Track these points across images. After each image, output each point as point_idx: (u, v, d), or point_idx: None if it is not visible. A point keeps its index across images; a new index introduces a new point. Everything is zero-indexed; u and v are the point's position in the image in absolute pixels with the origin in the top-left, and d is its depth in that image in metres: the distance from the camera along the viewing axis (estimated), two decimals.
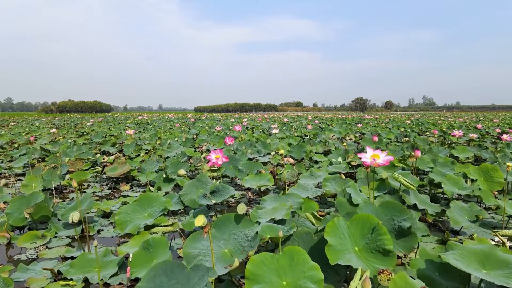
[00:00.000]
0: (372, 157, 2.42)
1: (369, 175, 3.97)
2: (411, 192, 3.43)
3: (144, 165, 5.80)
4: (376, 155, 2.42)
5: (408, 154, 6.33)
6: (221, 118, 28.46)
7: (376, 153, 2.43)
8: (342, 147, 7.48)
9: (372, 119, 24.96)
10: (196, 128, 15.04)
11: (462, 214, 3.16)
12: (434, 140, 9.06)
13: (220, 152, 3.17)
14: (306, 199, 3.36)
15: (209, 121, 22.51)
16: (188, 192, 3.90)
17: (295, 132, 11.94)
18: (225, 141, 5.65)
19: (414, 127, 15.28)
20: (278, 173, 6.16)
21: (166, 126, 16.75)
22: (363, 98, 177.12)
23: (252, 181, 4.42)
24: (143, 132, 13.80)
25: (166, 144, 7.46)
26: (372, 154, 2.44)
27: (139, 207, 2.82)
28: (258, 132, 12.79)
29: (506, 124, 18.14)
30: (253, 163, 5.15)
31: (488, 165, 3.91)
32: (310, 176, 4.54)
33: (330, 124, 18.59)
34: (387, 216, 2.33)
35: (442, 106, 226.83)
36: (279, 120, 23.57)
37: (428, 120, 23.24)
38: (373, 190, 2.79)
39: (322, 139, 9.15)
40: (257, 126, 16.80)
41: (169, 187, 4.65)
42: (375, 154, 2.43)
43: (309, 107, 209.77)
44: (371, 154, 2.44)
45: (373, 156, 2.42)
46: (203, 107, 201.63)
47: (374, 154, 2.43)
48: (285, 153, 7.20)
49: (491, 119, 25.70)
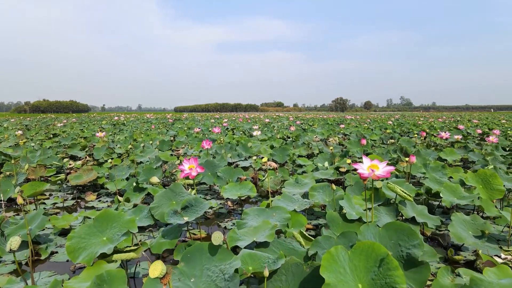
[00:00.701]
0: (370, 168, 2.04)
1: (366, 190, 3.61)
2: (408, 203, 3.09)
3: (114, 172, 5.30)
4: (374, 165, 2.05)
5: (396, 157, 6.05)
6: (201, 119, 27.85)
7: (375, 163, 2.06)
8: (327, 150, 7.16)
9: (353, 119, 24.91)
10: (174, 129, 14.48)
11: (465, 228, 2.84)
12: (418, 142, 8.86)
13: (194, 161, 2.75)
14: (293, 213, 2.97)
15: (188, 122, 21.91)
16: (159, 205, 3.45)
17: (277, 133, 11.58)
18: (202, 145, 5.21)
19: (396, 128, 15.19)
20: (260, 179, 5.77)
21: (143, 127, 16.10)
22: (343, 99, 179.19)
23: (232, 190, 4.00)
24: (118, 133, 13.15)
25: (140, 148, 6.94)
26: (369, 165, 2.06)
27: (96, 229, 2.36)
28: (239, 134, 12.37)
29: (484, 125, 18.35)
30: (233, 169, 4.74)
31: (487, 171, 3.62)
32: (296, 184, 4.15)
33: (312, 125, 18.35)
34: (392, 241, 1.96)
35: (419, 106, 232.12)
36: (260, 120, 23.19)
37: (408, 120, 23.37)
38: (371, 206, 2.41)
39: (305, 141, 8.81)
40: (237, 127, 16.37)
41: (140, 197, 4.18)
42: (373, 165, 2.05)
43: (290, 107, 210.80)
44: (368, 165, 2.07)
45: (371, 166, 2.05)
46: (183, 107, 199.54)
47: (372, 165, 2.06)
48: (267, 157, 6.81)
49: (468, 119, 26.11)
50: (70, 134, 11.69)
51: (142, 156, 6.29)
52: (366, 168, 2.05)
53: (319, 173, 4.45)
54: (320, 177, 4.32)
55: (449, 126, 15.89)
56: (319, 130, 13.08)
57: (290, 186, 4.14)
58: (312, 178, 4.23)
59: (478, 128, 14.15)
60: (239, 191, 3.98)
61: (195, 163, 2.77)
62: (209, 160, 5.06)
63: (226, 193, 3.94)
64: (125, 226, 2.41)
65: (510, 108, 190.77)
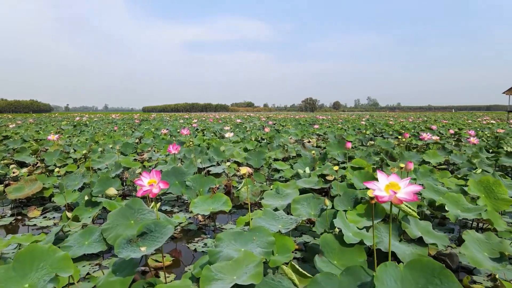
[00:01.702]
0: (390, 188, 1.54)
1: (360, 203, 3.13)
2: (411, 220, 2.63)
3: (65, 181, 4.56)
4: (394, 184, 1.55)
5: (378, 160, 5.66)
6: (170, 119, 26.87)
7: (394, 182, 1.56)
8: (305, 153, 6.69)
9: (325, 119, 24.81)
10: (140, 131, 13.62)
11: (480, 249, 2.41)
12: (397, 143, 8.60)
13: (156, 175, 2.15)
14: (277, 235, 2.44)
15: (156, 122, 20.96)
16: (113, 226, 2.82)
17: (250, 134, 11.04)
18: (169, 149, 4.58)
19: (369, 128, 15.06)
20: (234, 186, 5.21)
21: (106, 129, 15.10)
22: (312, 99, 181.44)
23: (203, 204, 3.41)
24: (78, 135, 12.15)
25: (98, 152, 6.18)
26: (388, 183, 1.56)
27: (16, 273, 1.72)
28: (210, 135, 11.73)
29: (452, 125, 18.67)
30: (204, 178, 4.15)
31: (490, 179, 3.24)
32: (277, 195, 3.63)
33: (284, 125, 17.96)
34: (419, 285, 1.46)
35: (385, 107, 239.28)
36: (231, 121, 22.59)
37: (378, 120, 23.52)
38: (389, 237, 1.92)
39: (280, 142, 8.33)
40: (208, 127, 15.70)
41: (93, 213, 3.51)
42: (392, 184, 1.55)
43: (260, 107, 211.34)
44: (386, 183, 1.56)
45: (391, 186, 1.54)
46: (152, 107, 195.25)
47: (391, 184, 1.55)
48: (241, 160, 6.26)
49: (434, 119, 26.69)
50: (24, 136, 10.61)
51: (100, 161, 5.56)
52: (384, 188, 1.54)
53: (302, 181, 3.95)
54: (303, 186, 3.81)
55: (421, 126, 15.96)
56: (293, 131, 12.66)
57: (270, 198, 3.61)
58: (294, 188, 3.71)
59: (449, 128, 14.24)
60: (211, 205, 3.40)
61: (157, 176, 2.18)
62: (176, 167, 4.44)
63: (196, 208, 3.34)
64: (57, 267, 1.78)
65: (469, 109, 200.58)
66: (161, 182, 2.15)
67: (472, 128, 15.64)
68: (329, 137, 10.42)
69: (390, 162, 4.93)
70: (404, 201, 1.49)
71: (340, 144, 6.44)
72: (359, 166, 4.54)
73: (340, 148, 6.35)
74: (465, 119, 27.49)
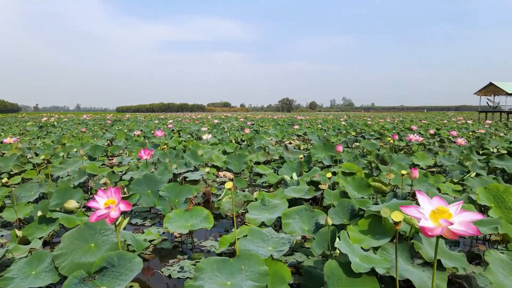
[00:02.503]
0: (438, 216, 1.13)
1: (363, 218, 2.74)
2: (424, 238, 2.26)
3: (19, 191, 3.98)
4: (442, 210, 1.14)
5: (366, 163, 5.34)
6: (144, 119, 25.97)
7: (442, 207, 1.16)
8: (288, 156, 6.30)
9: (304, 119, 24.61)
10: (112, 132, 12.88)
11: (506, 273, 2.07)
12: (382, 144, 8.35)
13: (116, 194, 1.68)
14: (269, 261, 2.02)
15: (130, 123, 20.11)
16: (68, 251, 2.33)
17: (229, 136, 10.57)
18: (140, 154, 4.07)
19: (349, 129, 14.89)
20: (214, 193, 4.74)
21: (75, 130, 14.25)
22: (289, 99, 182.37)
23: (179, 219, 2.93)
24: (44, 137, 11.31)
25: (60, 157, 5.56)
26: (434, 209, 1.15)
27: None
28: (186, 136, 11.18)
29: (427, 125, 18.83)
30: (179, 187, 3.67)
31: (499, 186, 2.93)
32: (263, 207, 3.20)
33: (263, 126, 17.58)
34: None
35: (360, 107, 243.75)
36: (209, 121, 22.00)
37: (356, 120, 23.53)
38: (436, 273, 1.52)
39: (261, 144, 7.91)
40: (184, 128, 15.10)
41: (46, 233, 2.97)
42: (440, 209, 1.14)
43: (237, 107, 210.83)
44: (431, 209, 1.16)
45: (439, 213, 1.14)
46: (126, 107, 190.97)
47: (439, 209, 1.14)
48: (220, 165, 5.79)
49: (410, 119, 27.02)
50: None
51: (62, 168, 4.96)
52: (430, 216, 1.13)
53: (290, 190, 3.53)
54: (292, 196, 3.40)
55: (400, 127, 15.95)
56: (273, 132, 12.29)
57: (256, 210, 3.17)
58: (282, 198, 3.30)
59: (429, 129, 14.25)
60: (189, 220, 2.93)
61: (117, 196, 1.70)
62: (148, 174, 3.93)
63: (172, 224, 2.86)
64: None
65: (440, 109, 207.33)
66: (122, 202, 1.67)
67: (449, 128, 15.76)
68: (311, 138, 10.08)
69: (382, 166, 4.60)
70: (461, 234, 1.09)
71: (326, 146, 6.08)
72: (350, 171, 4.17)
73: (326, 151, 6.00)
74: (439, 119, 27.99)
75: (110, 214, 1.62)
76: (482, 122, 21.70)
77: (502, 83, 31.65)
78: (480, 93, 32.76)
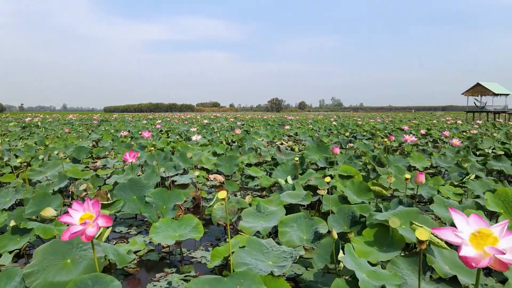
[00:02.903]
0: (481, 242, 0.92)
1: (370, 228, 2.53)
2: (436, 250, 2.07)
3: None
4: (486, 233, 0.93)
5: (362, 164, 5.16)
6: (132, 120, 25.51)
7: (484, 229, 0.95)
8: (281, 157, 6.09)
9: (294, 120, 24.47)
10: (98, 132, 12.50)
11: None
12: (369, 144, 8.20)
13: (93, 206, 1.44)
14: (269, 279, 1.80)
15: (117, 123, 19.69)
16: (41, 268, 2.08)
17: (219, 136, 10.31)
18: (125, 157, 3.81)
19: (340, 129, 14.78)
20: (204, 197, 4.52)
21: (59, 131, 13.81)
22: (278, 99, 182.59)
23: (166, 229, 2.69)
24: (26, 138, 10.90)
25: (40, 160, 5.24)
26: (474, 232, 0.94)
27: None
28: (175, 137, 10.89)
29: (417, 125, 18.86)
30: (167, 192, 3.42)
31: (508, 191, 2.76)
32: (258, 214, 2.97)
33: (253, 126, 17.37)
34: None
35: (349, 107, 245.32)
36: (198, 121, 21.69)
37: (347, 120, 23.49)
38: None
39: (252, 146, 7.68)
40: (173, 128, 14.78)
41: (20, 245, 2.70)
42: (483, 232, 0.94)
43: (226, 107, 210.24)
44: (471, 231, 0.95)
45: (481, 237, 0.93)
46: (114, 107, 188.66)
47: (481, 232, 0.94)
48: (210, 167, 5.55)
49: (399, 119, 27.13)
50: None
51: (42, 171, 4.65)
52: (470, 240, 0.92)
53: (286, 195, 3.31)
54: (289, 201, 3.18)
55: (391, 127, 15.90)
56: (264, 132, 12.08)
57: (250, 218, 2.95)
58: (278, 204, 3.08)
59: (420, 129, 14.21)
60: (177, 230, 2.69)
61: (95, 209, 1.46)
62: (133, 178, 3.67)
63: (158, 234, 2.62)
64: None
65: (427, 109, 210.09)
66: (102, 217, 1.43)
67: (439, 128, 15.77)
68: (303, 139, 9.90)
69: (379, 168, 4.42)
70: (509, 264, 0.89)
71: (320, 147, 5.89)
72: (348, 174, 3.98)
73: (320, 152, 5.80)
74: (428, 119, 28.17)
75: (87, 231, 1.38)
76: (472, 122, 21.86)
77: (489, 84, 32.04)
78: (467, 93, 33.11)
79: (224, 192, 1.73)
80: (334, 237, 1.85)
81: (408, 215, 2.39)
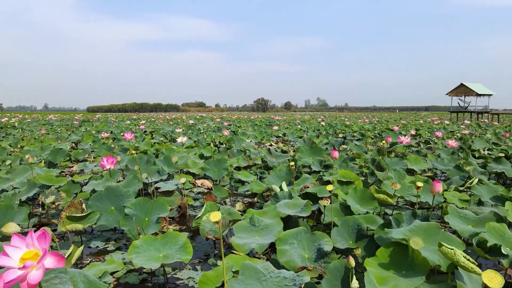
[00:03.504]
0: None
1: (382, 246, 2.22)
2: (465, 275, 1.77)
3: None
4: None
5: (358, 167, 4.88)
6: (115, 120, 24.79)
7: None
8: (272, 160, 5.76)
9: (281, 120, 24.20)
10: (78, 134, 11.94)
11: None
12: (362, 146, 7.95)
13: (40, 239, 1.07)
14: None
15: (99, 124, 19.05)
16: None
17: (206, 138, 9.92)
18: (101, 163, 3.42)
19: (328, 129, 14.56)
20: (190, 204, 4.15)
21: (37, 132, 13.18)
22: (264, 99, 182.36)
23: (149, 249, 2.32)
24: (1, 140, 10.28)
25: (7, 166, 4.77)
26: None
27: None
28: (159, 138, 10.45)
29: (404, 126, 18.83)
30: (150, 202, 3.05)
31: None
32: (252, 228, 2.64)
33: (240, 126, 17.01)
34: None
35: (334, 107, 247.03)
36: (183, 122, 21.19)
37: (334, 121, 23.35)
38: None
39: (241, 147, 7.33)
40: (157, 129, 14.30)
41: None
42: None
43: (212, 107, 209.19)
44: None
45: None
46: (98, 107, 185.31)
47: None
48: (197, 171, 5.18)
49: (385, 119, 27.18)
50: None
51: (9, 179, 4.20)
52: None
53: (282, 205, 2.98)
54: (286, 212, 2.85)
55: (380, 127, 15.77)
56: (252, 133, 11.74)
57: (243, 232, 2.61)
58: (275, 216, 2.74)
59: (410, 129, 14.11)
60: (161, 250, 2.32)
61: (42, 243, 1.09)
62: (111, 187, 3.28)
63: (139, 255, 2.24)
64: None
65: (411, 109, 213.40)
66: (51, 255, 1.07)
67: (427, 128, 15.72)
68: (292, 139, 9.59)
69: (378, 173, 4.13)
70: None
71: (313, 149, 5.59)
72: (347, 180, 3.68)
73: (313, 154, 5.50)
74: (413, 119, 28.32)
75: (29, 276, 1.01)
76: (459, 122, 21.97)
77: (472, 84, 32.45)
78: (451, 94, 33.47)
79: (218, 213, 1.39)
80: (351, 265, 1.53)
81: (427, 231, 2.08)
